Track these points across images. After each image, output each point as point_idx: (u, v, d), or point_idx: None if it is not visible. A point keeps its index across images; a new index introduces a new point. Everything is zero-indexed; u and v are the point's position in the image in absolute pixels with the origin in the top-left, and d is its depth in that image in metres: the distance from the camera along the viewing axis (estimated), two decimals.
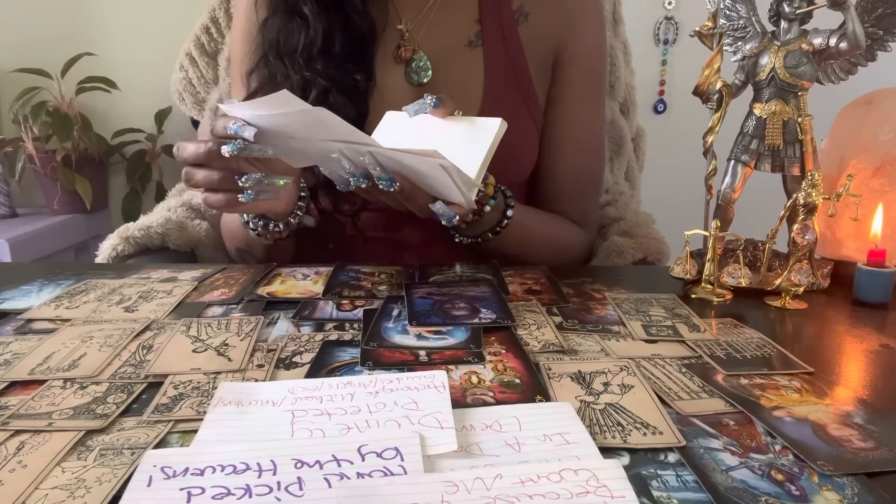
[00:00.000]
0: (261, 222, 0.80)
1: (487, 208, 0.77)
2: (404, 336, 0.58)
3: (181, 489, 0.36)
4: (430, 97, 0.69)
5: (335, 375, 0.51)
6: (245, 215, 0.81)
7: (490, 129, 0.67)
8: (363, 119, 0.82)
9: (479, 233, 0.81)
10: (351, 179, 0.67)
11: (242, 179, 0.65)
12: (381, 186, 0.66)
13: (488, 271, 0.77)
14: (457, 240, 0.82)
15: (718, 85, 0.70)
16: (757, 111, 0.72)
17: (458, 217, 0.68)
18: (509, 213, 0.80)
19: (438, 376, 0.49)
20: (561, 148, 0.93)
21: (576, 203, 0.96)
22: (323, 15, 0.82)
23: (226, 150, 0.63)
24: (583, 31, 0.91)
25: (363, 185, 0.67)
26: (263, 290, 0.70)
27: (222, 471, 0.38)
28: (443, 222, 0.69)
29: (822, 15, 0.70)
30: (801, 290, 0.69)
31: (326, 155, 0.66)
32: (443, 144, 0.63)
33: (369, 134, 0.67)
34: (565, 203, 0.95)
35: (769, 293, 0.71)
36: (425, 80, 0.88)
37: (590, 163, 0.97)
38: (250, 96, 0.85)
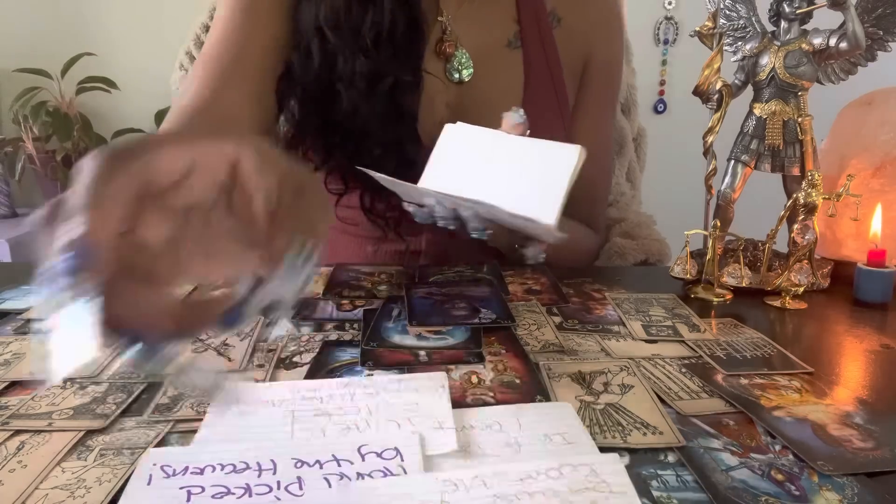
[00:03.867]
0: None
1: None
2: (404, 336, 0.58)
3: (181, 488, 0.36)
4: (521, 112, 0.64)
5: (335, 375, 0.51)
6: None
7: (569, 159, 0.60)
8: (414, 116, 0.78)
9: (513, 240, 0.77)
10: (440, 222, 0.63)
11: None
12: (473, 236, 0.62)
13: (488, 271, 0.77)
14: (489, 243, 0.80)
15: (718, 85, 0.70)
16: (757, 111, 0.72)
17: (544, 254, 0.67)
18: None
19: (438, 376, 0.49)
20: None
21: (588, 208, 0.95)
22: None
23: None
24: (608, 39, 0.91)
25: (451, 228, 0.63)
26: None
27: (222, 470, 0.38)
28: (528, 262, 0.68)
29: (822, 15, 0.70)
30: (801, 290, 0.69)
31: (419, 196, 0.63)
32: (518, 172, 0.60)
33: (430, 149, 0.66)
34: (580, 208, 0.93)
35: (769, 293, 0.71)
36: (466, 78, 0.85)
37: (604, 168, 0.98)
38: (285, 75, 0.77)
